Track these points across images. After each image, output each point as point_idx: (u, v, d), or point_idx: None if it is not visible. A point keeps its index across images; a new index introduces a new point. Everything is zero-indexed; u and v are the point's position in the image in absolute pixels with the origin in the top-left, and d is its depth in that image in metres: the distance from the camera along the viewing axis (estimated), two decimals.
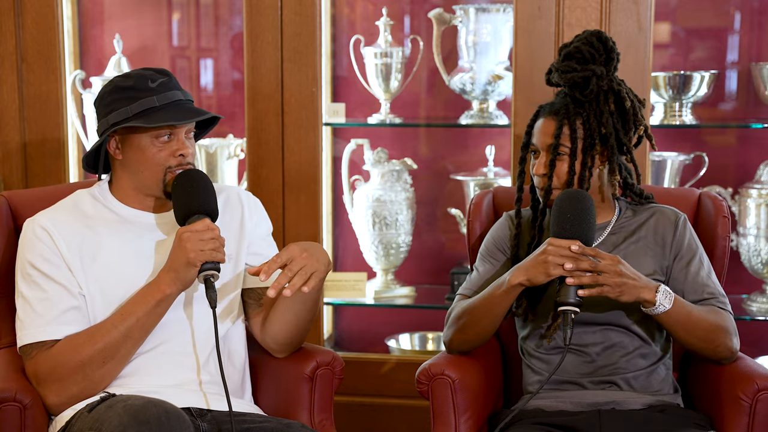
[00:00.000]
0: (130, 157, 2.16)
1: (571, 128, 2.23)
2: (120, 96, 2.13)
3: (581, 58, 2.26)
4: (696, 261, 2.27)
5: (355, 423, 3.27)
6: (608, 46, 2.28)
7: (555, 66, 2.31)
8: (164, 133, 2.13)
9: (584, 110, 2.25)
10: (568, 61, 2.27)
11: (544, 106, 2.31)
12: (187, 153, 2.15)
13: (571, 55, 2.27)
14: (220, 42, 3.63)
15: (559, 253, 2.09)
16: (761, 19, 3.35)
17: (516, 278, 2.14)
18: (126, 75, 2.17)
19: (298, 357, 2.30)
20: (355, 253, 3.57)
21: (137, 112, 2.11)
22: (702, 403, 2.31)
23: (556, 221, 2.15)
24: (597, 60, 2.26)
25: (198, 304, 2.17)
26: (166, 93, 2.14)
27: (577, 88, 2.26)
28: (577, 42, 2.28)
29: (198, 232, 2.05)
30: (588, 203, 2.16)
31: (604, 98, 2.25)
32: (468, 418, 2.26)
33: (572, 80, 2.25)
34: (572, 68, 2.26)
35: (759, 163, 3.26)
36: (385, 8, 3.38)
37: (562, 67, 2.27)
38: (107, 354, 2.05)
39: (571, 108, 2.25)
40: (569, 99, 2.27)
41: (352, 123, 3.46)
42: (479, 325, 2.25)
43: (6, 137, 3.25)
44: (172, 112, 2.12)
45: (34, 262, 2.11)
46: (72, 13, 3.45)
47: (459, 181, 3.46)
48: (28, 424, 2.04)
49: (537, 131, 2.29)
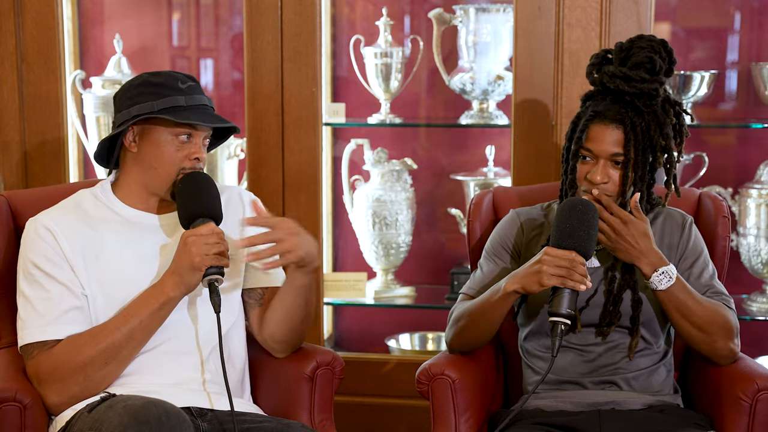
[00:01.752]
0: (146, 151, 2.16)
1: (635, 138, 2.17)
2: (147, 90, 2.15)
3: (651, 68, 2.19)
4: (701, 262, 2.27)
5: (355, 423, 3.27)
6: (672, 57, 2.23)
7: (620, 72, 2.19)
8: (185, 132, 2.15)
9: (644, 120, 2.19)
10: (637, 71, 2.17)
11: (603, 113, 2.19)
12: (202, 158, 2.17)
13: (641, 64, 2.18)
14: (220, 42, 3.63)
15: (555, 263, 2.07)
16: (761, 19, 3.35)
17: (511, 286, 2.13)
18: (156, 73, 2.19)
19: (298, 357, 2.30)
20: (355, 253, 3.57)
21: (163, 108, 2.12)
22: (702, 403, 2.31)
23: (554, 230, 2.13)
24: (663, 70, 2.21)
25: (199, 305, 2.17)
26: (194, 96, 2.16)
27: (641, 97, 2.19)
28: (645, 51, 2.20)
29: (203, 236, 2.06)
30: (590, 213, 2.12)
31: (663, 110, 2.21)
32: (468, 418, 2.26)
33: (640, 90, 2.17)
34: (642, 78, 2.17)
35: (759, 163, 3.26)
36: (385, 8, 3.38)
37: (633, 76, 2.17)
38: (109, 355, 2.05)
39: (634, 117, 2.17)
40: (628, 107, 2.19)
41: (352, 123, 3.46)
42: (477, 329, 2.25)
43: (6, 137, 3.25)
44: (198, 114, 2.14)
45: (36, 262, 2.11)
46: (72, 13, 3.45)
47: (459, 181, 3.46)
48: (28, 424, 2.04)
49: (596, 139, 2.19)
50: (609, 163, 2.18)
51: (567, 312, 2.07)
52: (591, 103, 2.25)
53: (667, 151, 2.22)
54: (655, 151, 2.20)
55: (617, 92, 2.20)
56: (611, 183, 2.18)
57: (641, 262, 2.14)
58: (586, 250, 2.10)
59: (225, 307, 2.21)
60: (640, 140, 2.17)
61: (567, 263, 2.06)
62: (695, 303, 2.16)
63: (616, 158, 2.18)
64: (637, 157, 2.18)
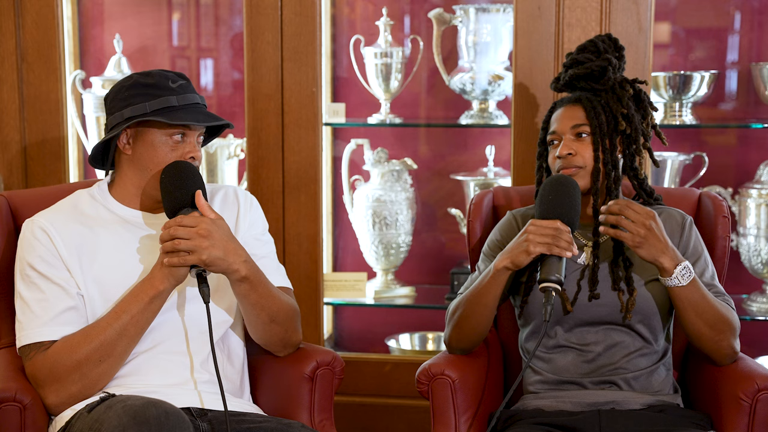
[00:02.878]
0: (140, 153, 2.16)
1: (595, 112, 2.29)
2: (139, 92, 2.14)
3: (596, 50, 2.36)
4: (701, 262, 2.27)
5: (355, 423, 3.27)
6: (618, 44, 2.39)
7: (568, 62, 2.39)
8: (178, 132, 2.14)
9: (602, 98, 2.32)
10: (583, 53, 2.36)
11: (562, 100, 2.38)
12: (197, 156, 2.17)
13: (585, 48, 2.38)
14: (220, 42, 3.63)
15: (539, 232, 2.12)
16: (761, 19, 3.35)
17: (501, 262, 2.17)
18: (146, 73, 2.18)
19: (298, 357, 2.30)
20: (355, 253, 3.57)
21: (156, 109, 2.12)
22: (702, 403, 2.31)
23: (538, 204, 2.20)
24: (610, 53, 2.35)
25: (196, 304, 2.17)
26: (186, 95, 2.16)
27: (593, 79, 2.33)
28: (588, 41, 2.40)
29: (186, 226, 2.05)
30: (571, 187, 2.19)
31: (620, 86, 2.32)
32: (468, 418, 2.26)
33: (590, 69, 2.32)
34: (589, 59, 2.34)
35: (759, 163, 3.26)
36: (385, 8, 3.38)
37: (580, 58, 2.36)
38: (103, 352, 2.05)
39: (591, 96, 2.32)
40: (585, 91, 2.35)
41: (352, 123, 3.46)
42: (473, 318, 2.25)
43: (6, 137, 3.25)
44: (191, 114, 2.14)
45: (32, 263, 2.11)
46: (72, 13, 3.45)
47: (459, 181, 3.46)
48: (28, 424, 2.04)
49: (557, 119, 2.34)
50: (572, 137, 2.29)
51: (556, 277, 2.11)
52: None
53: (630, 119, 2.29)
54: (617, 119, 2.28)
55: (572, 84, 2.37)
56: (578, 156, 2.27)
57: (665, 258, 2.14)
58: (570, 219, 2.16)
59: (222, 308, 2.21)
60: (600, 111, 2.29)
61: (552, 231, 2.12)
62: (709, 300, 2.17)
63: (578, 130, 2.29)
64: (600, 126, 2.27)
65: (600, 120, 2.28)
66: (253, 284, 2.11)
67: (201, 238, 2.02)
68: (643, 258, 2.16)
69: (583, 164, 2.27)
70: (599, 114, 2.28)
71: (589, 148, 2.27)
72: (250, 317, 2.19)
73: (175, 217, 2.08)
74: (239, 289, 2.12)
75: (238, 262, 2.06)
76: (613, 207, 2.15)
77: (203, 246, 2.02)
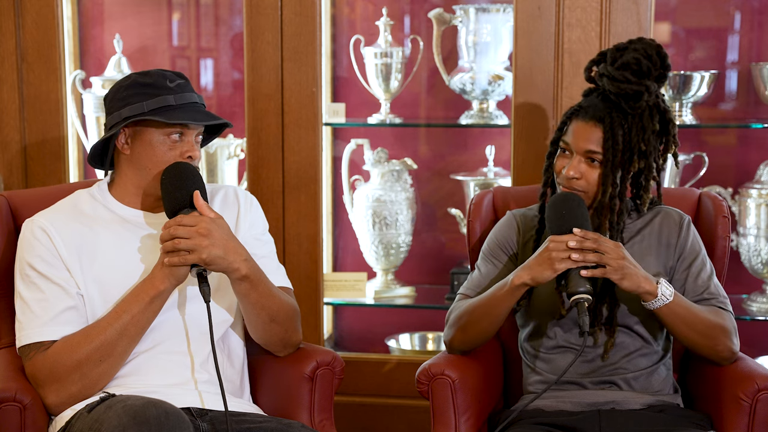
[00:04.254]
0: (139, 152, 2.16)
1: (614, 139, 2.17)
2: (137, 91, 2.14)
3: (638, 71, 2.17)
4: (698, 262, 2.27)
5: (355, 423, 3.27)
6: (665, 63, 2.21)
7: (607, 72, 2.20)
8: (176, 131, 2.14)
9: (627, 123, 2.19)
10: (623, 71, 2.17)
11: (585, 108, 2.21)
12: (195, 155, 2.17)
13: (628, 65, 2.17)
14: (220, 42, 3.63)
15: (562, 248, 2.09)
16: (761, 19, 3.35)
17: (519, 278, 2.14)
18: (145, 73, 2.18)
19: (298, 357, 2.30)
20: (355, 253, 3.57)
21: (153, 108, 2.12)
22: (702, 403, 2.31)
23: (552, 220, 2.16)
24: (652, 75, 2.19)
25: (197, 304, 2.17)
26: (184, 94, 2.16)
27: (625, 99, 2.18)
28: (636, 53, 2.18)
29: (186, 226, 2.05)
30: (578, 201, 2.16)
31: (650, 115, 2.20)
32: (468, 418, 2.26)
33: (624, 91, 2.17)
34: (627, 79, 2.16)
35: (759, 163, 3.26)
36: (385, 8, 3.38)
37: (617, 76, 2.17)
38: (104, 352, 2.05)
39: (615, 118, 2.18)
40: (612, 107, 2.19)
41: (352, 123, 3.46)
42: (480, 325, 2.25)
43: (6, 137, 3.25)
44: (188, 113, 2.14)
45: (32, 263, 2.11)
46: (72, 13, 3.45)
47: (459, 181, 3.46)
48: (28, 424, 2.04)
49: (573, 132, 2.21)
50: (583, 159, 2.20)
51: (586, 288, 2.08)
52: (583, 99, 2.27)
53: (645, 156, 2.22)
54: (633, 154, 2.19)
55: (605, 91, 2.21)
56: (584, 180, 2.20)
57: (646, 282, 2.11)
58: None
59: (222, 308, 2.21)
60: (619, 142, 2.17)
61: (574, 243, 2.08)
62: (695, 311, 2.17)
63: (591, 155, 2.19)
64: (614, 159, 2.17)
65: (615, 150, 2.17)
66: (254, 283, 2.11)
67: (201, 237, 2.02)
68: (626, 290, 2.11)
69: (585, 189, 2.21)
70: (617, 144, 2.16)
71: (596, 174, 2.20)
72: (250, 317, 2.19)
73: (175, 217, 2.08)
74: (239, 288, 2.11)
75: (239, 260, 2.06)
76: (587, 244, 2.09)
77: (203, 245, 2.02)
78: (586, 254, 2.08)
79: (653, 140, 2.21)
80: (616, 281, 2.10)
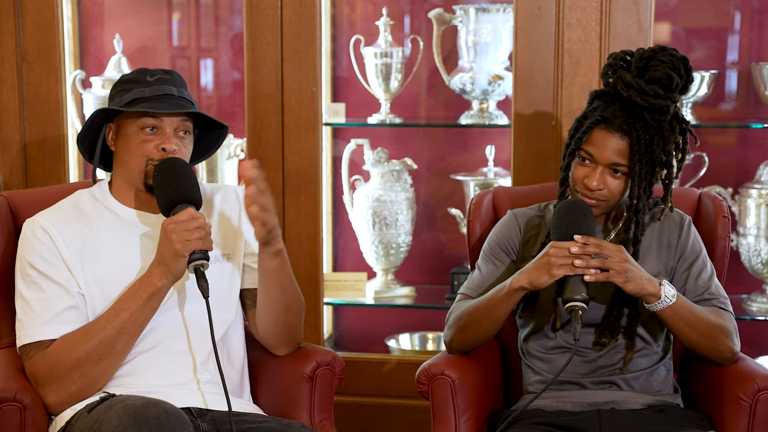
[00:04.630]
0: (120, 146, 2.19)
1: (640, 152, 2.15)
2: (121, 88, 2.19)
3: (668, 85, 2.14)
4: (699, 263, 2.27)
5: (355, 423, 3.27)
6: (691, 76, 2.18)
7: (636, 84, 2.14)
8: (148, 124, 2.14)
9: (649, 134, 2.16)
10: (653, 86, 2.12)
11: (610, 120, 2.16)
12: (169, 148, 2.14)
13: (658, 80, 2.13)
14: (220, 42, 3.63)
15: (562, 254, 2.09)
16: (761, 19, 3.35)
17: (518, 282, 2.13)
18: (134, 71, 2.23)
19: (298, 357, 2.30)
20: (355, 253, 3.57)
21: (127, 102, 2.14)
22: (702, 403, 2.31)
23: (555, 225, 2.15)
24: (678, 88, 2.16)
25: (196, 303, 2.17)
26: (161, 86, 2.16)
27: (651, 111, 2.14)
28: (664, 66, 2.14)
29: (182, 222, 2.04)
30: (586, 210, 2.16)
31: (670, 126, 2.19)
32: (468, 418, 2.26)
33: (653, 105, 2.13)
34: (656, 93, 2.12)
35: (759, 163, 3.26)
36: (385, 8, 3.38)
37: (648, 90, 2.12)
38: (103, 350, 2.05)
39: (640, 129, 2.15)
40: (636, 118, 2.16)
41: (352, 123, 3.46)
42: (479, 327, 2.25)
43: (6, 137, 3.25)
44: (155, 103, 2.14)
45: (33, 263, 2.12)
46: (72, 13, 3.45)
47: (459, 181, 3.46)
48: (28, 424, 2.04)
49: (598, 144, 2.17)
50: (607, 170, 2.18)
51: (582, 296, 2.08)
52: (599, 105, 2.22)
53: (668, 166, 2.21)
54: (655, 165, 2.18)
55: (628, 101, 2.16)
56: (606, 190, 2.18)
57: (649, 284, 2.11)
58: None
59: (223, 307, 2.21)
60: (644, 153, 2.16)
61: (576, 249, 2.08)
62: (697, 312, 2.17)
63: (616, 167, 2.17)
64: (641, 171, 2.16)
65: (642, 163, 2.15)
66: (284, 261, 2.16)
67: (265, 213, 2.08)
68: (630, 293, 2.11)
69: (607, 198, 2.20)
70: (643, 156, 2.14)
71: (620, 185, 2.18)
72: (270, 299, 2.20)
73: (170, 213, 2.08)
74: (273, 263, 2.14)
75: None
76: (589, 249, 2.08)
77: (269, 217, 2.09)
78: (589, 260, 2.08)
79: (673, 149, 2.21)
80: (620, 284, 2.10)
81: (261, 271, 2.18)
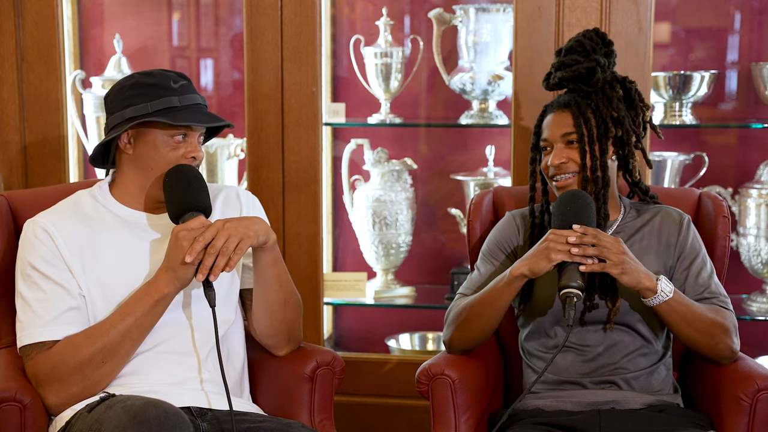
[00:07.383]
0: (142, 152, 2.16)
1: (584, 118, 2.27)
2: (140, 92, 2.14)
3: (583, 50, 2.31)
4: (699, 261, 2.27)
5: (355, 423, 3.27)
6: (606, 40, 2.35)
7: (556, 64, 2.36)
8: (180, 133, 2.15)
9: (592, 100, 2.29)
10: (570, 55, 2.32)
11: (552, 104, 2.35)
12: (199, 156, 2.17)
13: (572, 49, 2.33)
14: (220, 42, 3.64)
15: (560, 241, 2.10)
16: (761, 19, 3.35)
17: (518, 270, 2.14)
18: (148, 73, 2.18)
19: (298, 357, 2.30)
20: (355, 253, 3.57)
21: (158, 110, 2.12)
22: (702, 403, 2.31)
23: (556, 214, 2.18)
24: (598, 52, 2.32)
25: (197, 303, 2.17)
26: (187, 95, 2.16)
27: (582, 81, 2.30)
28: (575, 38, 2.34)
29: (194, 230, 2.04)
30: (587, 200, 2.18)
31: (610, 86, 2.30)
32: (468, 418, 2.26)
33: (578, 71, 2.29)
34: (576, 60, 2.31)
35: (759, 163, 3.26)
36: (385, 8, 3.38)
37: (567, 61, 2.32)
38: (106, 354, 2.05)
39: (580, 100, 2.29)
40: (576, 93, 2.31)
41: (352, 123, 3.46)
42: (480, 321, 2.25)
43: (6, 137, 3.25)
44: (193, 114, 2.14)
45: (33, 263, 2.11)
46: (72, 13, 3.45)
47: (459, 181, 3.46)
48: (28, 424, 2.04)
49: (547, 126, 2.32)
50: (562, 144, 2.28)
51: (577, 284, 2.09)
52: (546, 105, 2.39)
53: (620, 121, 2.28)
54: (607, 124, 2.27)
55: (562, 85, 2.34)
56: (571, 162, 2.27)
57: (646, 278, 2.12)
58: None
59: (223, 307, 2.21)
60: (590, 116, 2.27)
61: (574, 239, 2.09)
62: (695, 309, 2.17)
63: (568, 137, 2.27)
64: (590, 133, 2.26)
65: (589, 126, 2.26)
66: (279, 253, 2.17)
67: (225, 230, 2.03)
68: (626, 285, 2.12)
69: (576, 170, 2.27)
70: (588, 120, 2.26)
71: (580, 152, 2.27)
72: (268, 294, 2.19)
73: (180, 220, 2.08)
74: (268, 257, 2.13)
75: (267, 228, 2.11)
76: (586, 239, 2.10)
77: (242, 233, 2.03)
78: (586, 249, 2.09)
79: (622, 107, 2.30)
80: (616, 276, 2.11)
81: (257, 266, 2.18)
